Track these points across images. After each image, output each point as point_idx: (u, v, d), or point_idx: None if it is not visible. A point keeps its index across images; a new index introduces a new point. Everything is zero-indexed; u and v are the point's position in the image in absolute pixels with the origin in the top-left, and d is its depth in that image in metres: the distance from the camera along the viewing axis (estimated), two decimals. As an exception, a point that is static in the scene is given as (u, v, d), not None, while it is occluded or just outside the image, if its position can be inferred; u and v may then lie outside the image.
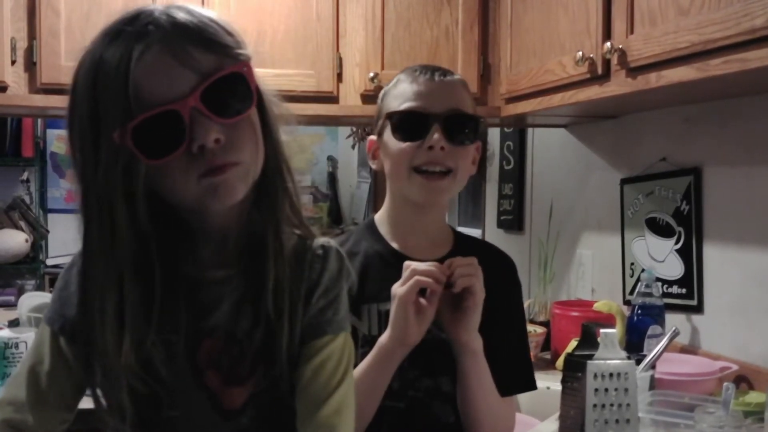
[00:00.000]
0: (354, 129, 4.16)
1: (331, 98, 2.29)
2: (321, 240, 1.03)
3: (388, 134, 1.37)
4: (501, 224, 3.15)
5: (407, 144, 1.34)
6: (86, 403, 1.00)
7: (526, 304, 2.58)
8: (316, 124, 2.93)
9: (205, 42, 0.87)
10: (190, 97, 0.84)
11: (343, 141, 5.20)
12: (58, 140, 5.34)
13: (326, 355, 0.97)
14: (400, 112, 1.35)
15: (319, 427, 0.95)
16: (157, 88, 0.84)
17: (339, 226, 5.55)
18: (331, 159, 5.93)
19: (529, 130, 2.91)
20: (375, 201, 4.78)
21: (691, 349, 1.96)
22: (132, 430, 0.96)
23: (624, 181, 2.27)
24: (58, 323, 0.98)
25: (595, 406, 1.27)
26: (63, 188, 5.39)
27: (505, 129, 3.03)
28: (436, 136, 1.32)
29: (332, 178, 5.94)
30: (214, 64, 0.87)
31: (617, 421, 1.29)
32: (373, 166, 1.46)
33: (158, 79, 0.84)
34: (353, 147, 4.78)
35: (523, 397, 1.79)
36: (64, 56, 2.16)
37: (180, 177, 0.88)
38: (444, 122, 1.34)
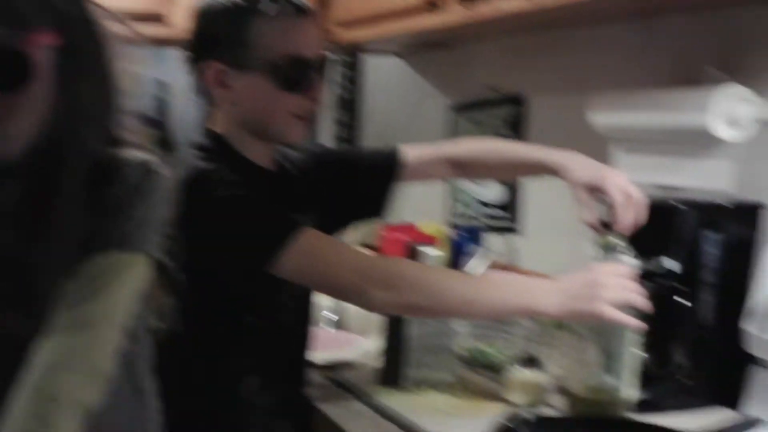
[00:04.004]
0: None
1: (160, 18, 2.19)
2: (132, 154, 1.00)
3: (258, 75, 1.29)
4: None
5: (291, 93, 1.29)
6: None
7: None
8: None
9: None
10: None
11: (174, 64, 4.97)
12: None
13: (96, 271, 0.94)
14: (287, 63, 1.27)
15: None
16: None
17: (172, 153, 5.35)
18: (160, 83, 5.65)
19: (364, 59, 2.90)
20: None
21: (512, 268, 2.07)
22: None
23: (454, 109, 2.34)
24: None
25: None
26: None
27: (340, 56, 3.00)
28: (318, 87, 1.30)
29: (163, 104, 5.67)
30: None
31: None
32: (218, 97, 1.34)
33: None
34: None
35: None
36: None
37: None
38: (319, 70, 1.32)
